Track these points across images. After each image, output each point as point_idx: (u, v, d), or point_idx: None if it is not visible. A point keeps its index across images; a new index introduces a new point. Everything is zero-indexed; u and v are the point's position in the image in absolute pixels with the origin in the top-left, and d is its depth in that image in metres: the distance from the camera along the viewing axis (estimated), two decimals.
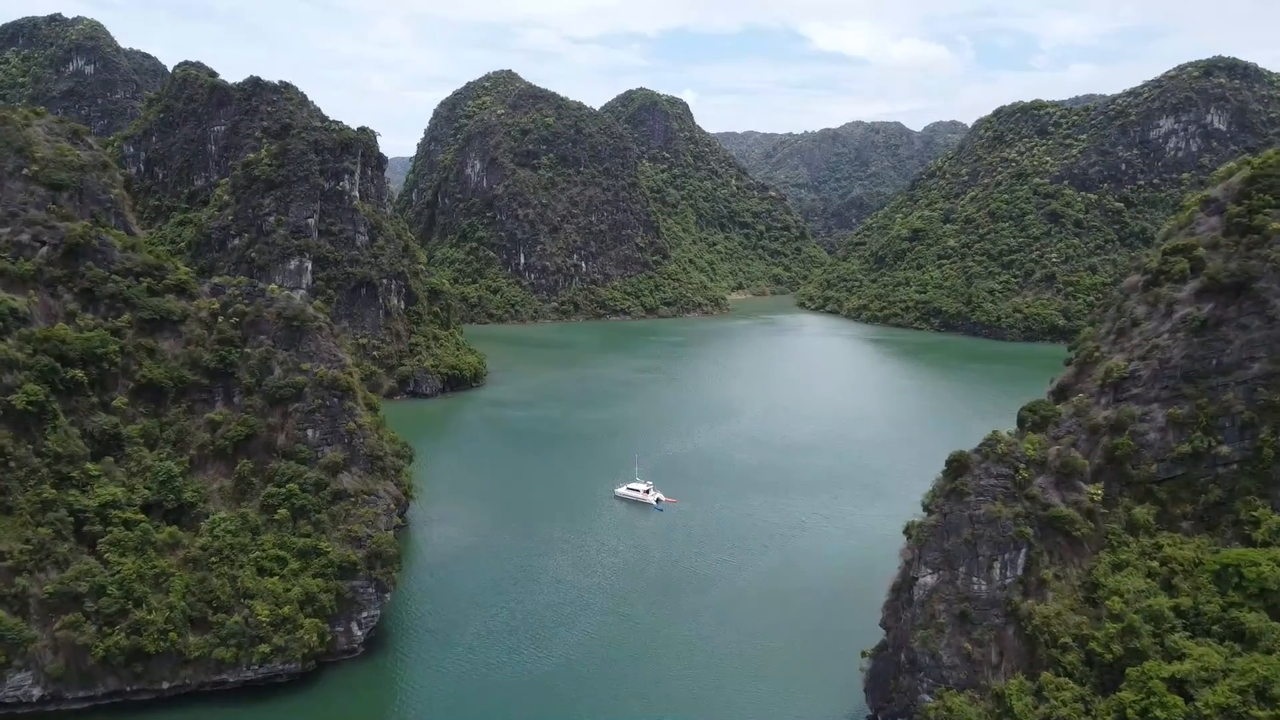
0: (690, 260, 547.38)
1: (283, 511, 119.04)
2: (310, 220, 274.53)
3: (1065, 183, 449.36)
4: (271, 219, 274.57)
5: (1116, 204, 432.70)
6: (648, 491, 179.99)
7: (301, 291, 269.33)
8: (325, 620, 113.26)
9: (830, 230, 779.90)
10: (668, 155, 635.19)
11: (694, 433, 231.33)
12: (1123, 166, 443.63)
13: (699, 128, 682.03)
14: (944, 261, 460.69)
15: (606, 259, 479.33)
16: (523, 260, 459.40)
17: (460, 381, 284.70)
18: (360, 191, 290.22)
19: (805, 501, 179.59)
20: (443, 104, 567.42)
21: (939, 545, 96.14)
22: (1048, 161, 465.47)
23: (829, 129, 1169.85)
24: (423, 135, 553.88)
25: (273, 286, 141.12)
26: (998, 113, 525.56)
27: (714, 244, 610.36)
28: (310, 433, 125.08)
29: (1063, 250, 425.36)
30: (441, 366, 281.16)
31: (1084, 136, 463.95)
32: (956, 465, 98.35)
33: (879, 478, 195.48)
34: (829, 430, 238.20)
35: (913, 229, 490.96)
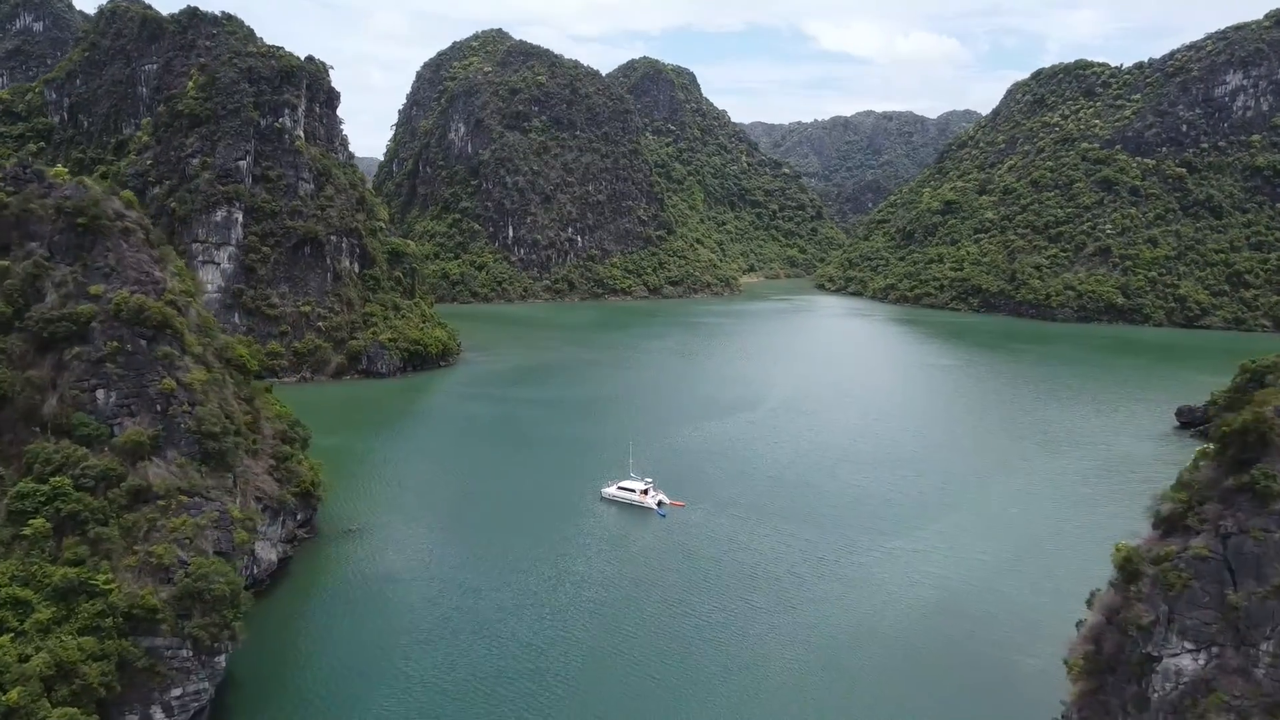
0: (698, 240, 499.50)
1: (38, 522, 71.92)
2: (242, 163, 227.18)
3: (1118, 147, 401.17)
4: (195, 161, 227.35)
5: (1177, 170, 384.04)
6: (646, 492, 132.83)
7: (230, 249, 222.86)
8: (92, 711, 66.07)
9: (845, 216, 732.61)
10: (673, 128, 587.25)
11: (703, 423, 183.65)
12: (1183, 128, 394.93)
13: (707, 100, 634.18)
14: (981, 235, 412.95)
15: (605, 233, 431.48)
16: (511, 233, 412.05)
17: (424, 360, 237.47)
18: (306, 132, 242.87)
19: (851, 512, 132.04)
20: (426, 65, 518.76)
21: (1215, 601, 48.51)
22: (1096, 125, 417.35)
23: (840, 116, 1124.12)
24: (404, 101, 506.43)
25: (59, 170, 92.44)
26: (1036, 75, 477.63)
27: (723, 223, 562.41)
28: (101, 395, 77.70)
29: (1118, 221, 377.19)
30: (402, 341, 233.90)
31: (1137, 97, 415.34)
32: (1250, 434, 50.68)
33: (948, 479, 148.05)
34: (870, 422, 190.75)
35: (945, 201, 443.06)
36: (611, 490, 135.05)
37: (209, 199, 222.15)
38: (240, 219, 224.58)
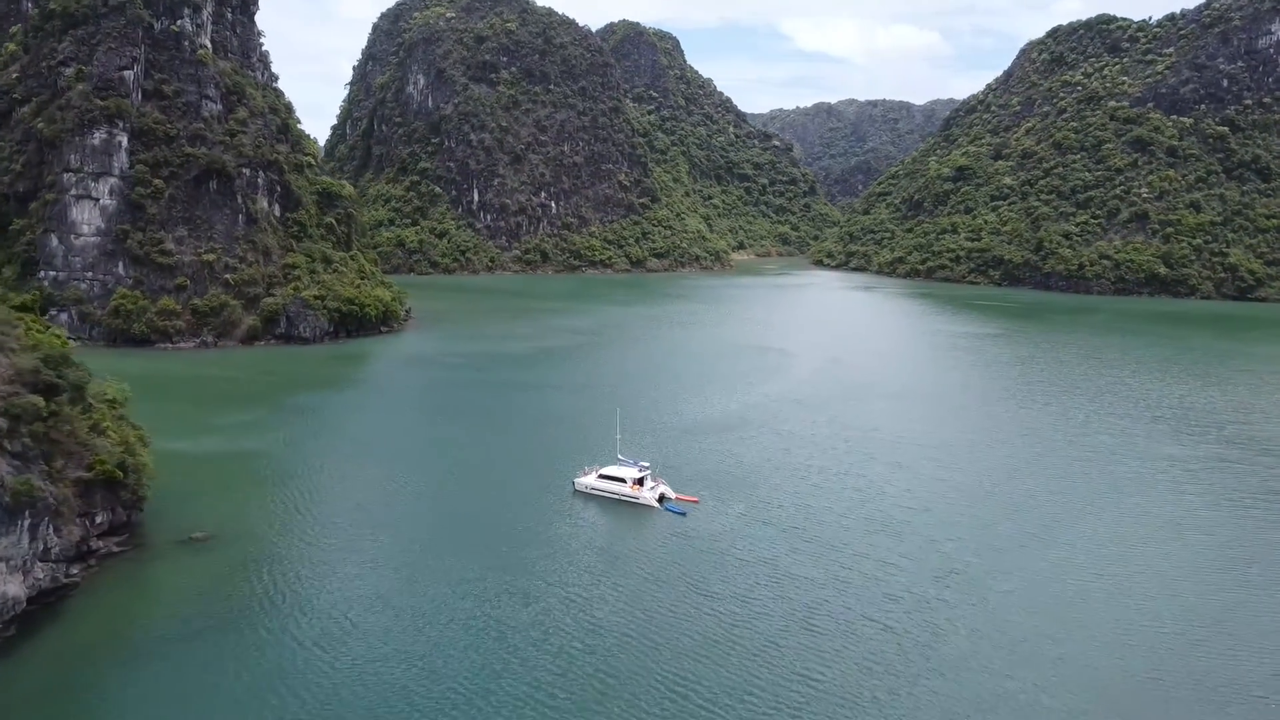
0: (680, 215, 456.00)
1: None
2: (127, 73, 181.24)
3: (1150, 105, 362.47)
4: (68, 71, 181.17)
5: (1219, 128, 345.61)
6: (640, 482, 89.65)
7: (111, 180, 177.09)
8: None
9: (834, 199, 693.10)
10: (656, 95, 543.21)
11: (712, 396, 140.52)
12: (1224, 83, 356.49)
13: (691, 67, 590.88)
14: (1000, 203, 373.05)
15: (582, 199, 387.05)
16: (476, 198, 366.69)
17: (360, 324, 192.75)
18: (214, 42, 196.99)
19: (945, 513, 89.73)
20: (383, 16, 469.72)
21: None
22: (1125, 82, 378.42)
23: (824, 103, 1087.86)
24: (360, 56, 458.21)
25: None
26: (1053, 33, 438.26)
27: (709, 198, 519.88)
28: None
29: (1155, 184, 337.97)
30: (331, 300, 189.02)
31: (1170, 51, 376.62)
32: None
33: (1077, 471, 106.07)
34: (916, 394, 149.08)
35: (956, 167, 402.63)
36: (588, 480, 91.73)
37: (84, 117, 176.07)
38: (125, 143, 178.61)
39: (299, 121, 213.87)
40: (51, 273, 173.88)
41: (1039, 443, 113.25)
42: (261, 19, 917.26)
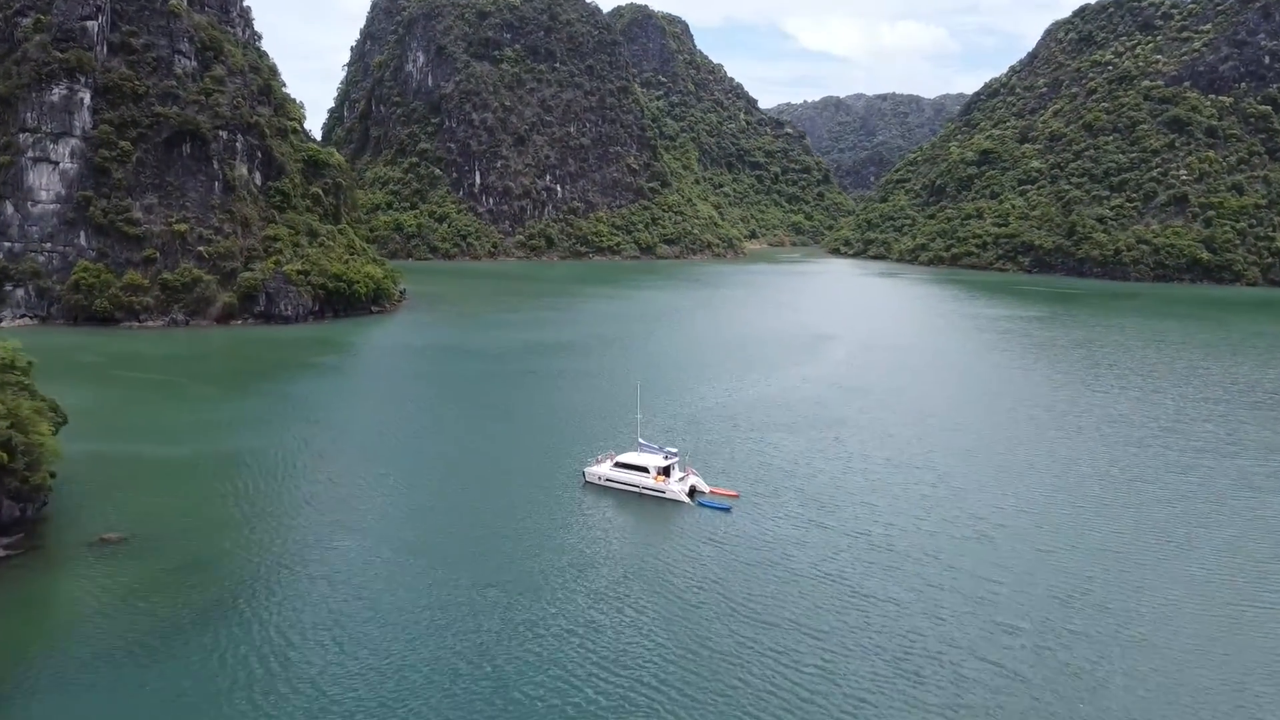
0: (692, 200, 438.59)
1: None
2: (90, 24, 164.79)
3: (1186, 84, 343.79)
4: (27, 21, 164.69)
5: (1260, 107, 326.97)
6: (667, 472, 73.02)
7: (72, 142, 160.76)
8: None
9: (845, 191, 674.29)
10: (664, 80, 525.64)
11: (745, 378, 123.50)
12: (1266, 60, 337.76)
13: (700, 52, 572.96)
14: (1028, 187, 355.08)
15: (589, 182, 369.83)
16: (478, 180, 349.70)
17: (349, 303, 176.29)
18: None
19: (1036, 520, 73.32)
20: None
21: None
22: (1159, 60, 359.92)
23: (832, 97, 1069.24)
24: (358, 36, 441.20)
25: None
26: (1080, 12, 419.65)
27: (720, 186, 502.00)
28: None
29: (1194, 166, 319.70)
30: (316, 276, 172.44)
31: (1207, 27, 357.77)
32: None
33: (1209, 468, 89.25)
34: (972, 377, 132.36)
35: (980, 151, 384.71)
36: (602, 470, 74.93)
37: (41, 70, 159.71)
38: (87, 101, 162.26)
39: (284, 85, 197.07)
40: (6, 244, 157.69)
41: (1132, 431, 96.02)
42: (258, 14, 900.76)
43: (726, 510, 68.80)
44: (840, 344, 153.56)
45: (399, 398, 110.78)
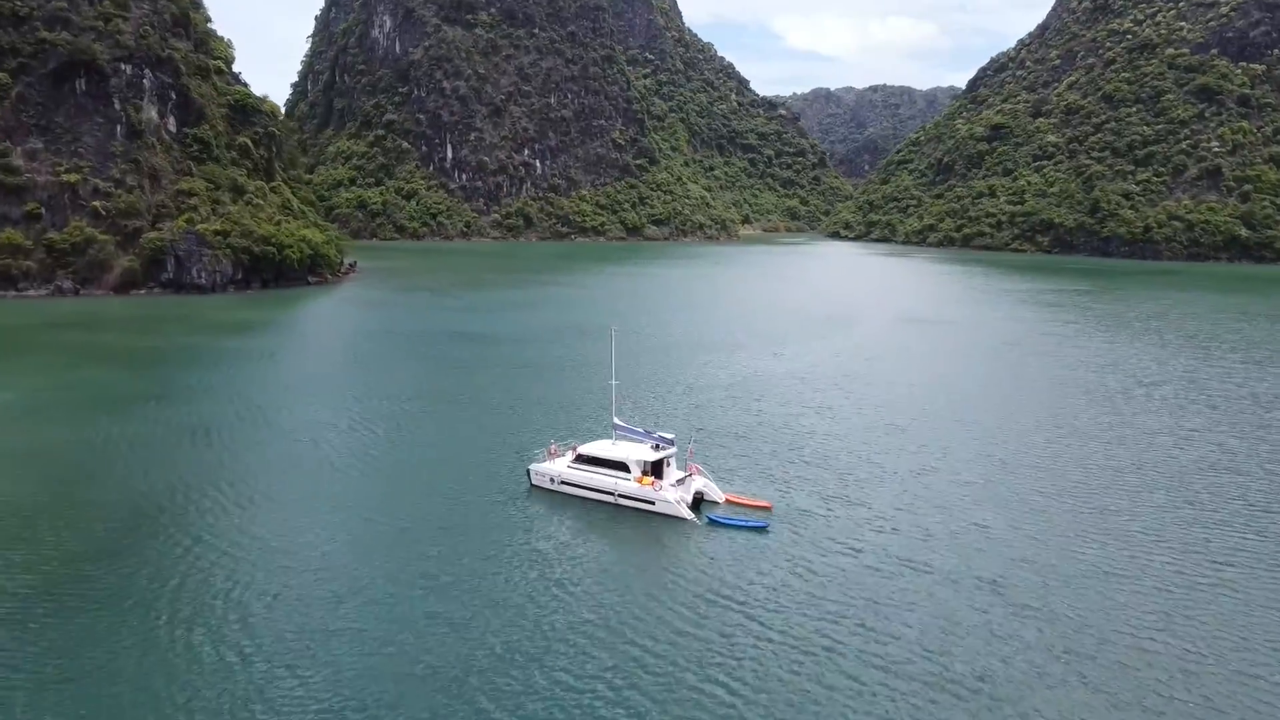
0: (681, 179, 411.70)
1: None
2: None
3: (1214, 52, 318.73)
4: None
5: None
6: (659, 468, 45.63)
7: None
8: None
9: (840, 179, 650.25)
10: (652, 58, 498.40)
11: (757, 354, 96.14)
12: None
13: (689, 30, 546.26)
14: (1044, 162, 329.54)
15: (571, 157, 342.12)
16: (450, 154, 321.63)
17: (279, 270, 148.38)
18: None
19: (1178, 546, 45.34)
20: None
21: None
22: (1183, 28, 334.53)
23: (822, 88, 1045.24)
24: (323, 4, 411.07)
25: None
26: None
27: (711, 168, 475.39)
28: None
29: (1226, 137, 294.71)
30: (239, 238, 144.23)
31: None
32: None
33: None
34: (1030, 353, 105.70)
35: (991, 126, 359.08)
36: (557, 469, 47.53)
37: None
38: None
39: (209, 20, 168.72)
40: None
41: (1242, 419, 69.52)
42: (229, 8, 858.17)
43: (762, 529, 41.77)
44: (866, 322, 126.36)
45: (325, 382, 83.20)
